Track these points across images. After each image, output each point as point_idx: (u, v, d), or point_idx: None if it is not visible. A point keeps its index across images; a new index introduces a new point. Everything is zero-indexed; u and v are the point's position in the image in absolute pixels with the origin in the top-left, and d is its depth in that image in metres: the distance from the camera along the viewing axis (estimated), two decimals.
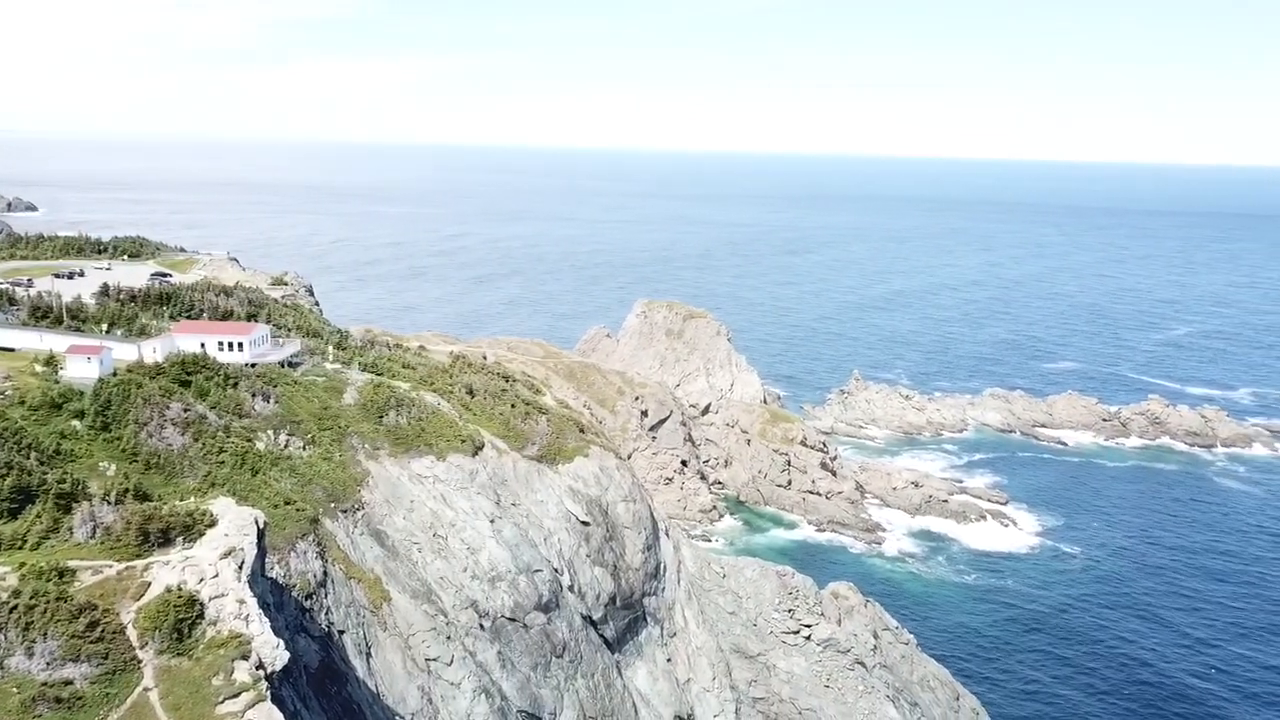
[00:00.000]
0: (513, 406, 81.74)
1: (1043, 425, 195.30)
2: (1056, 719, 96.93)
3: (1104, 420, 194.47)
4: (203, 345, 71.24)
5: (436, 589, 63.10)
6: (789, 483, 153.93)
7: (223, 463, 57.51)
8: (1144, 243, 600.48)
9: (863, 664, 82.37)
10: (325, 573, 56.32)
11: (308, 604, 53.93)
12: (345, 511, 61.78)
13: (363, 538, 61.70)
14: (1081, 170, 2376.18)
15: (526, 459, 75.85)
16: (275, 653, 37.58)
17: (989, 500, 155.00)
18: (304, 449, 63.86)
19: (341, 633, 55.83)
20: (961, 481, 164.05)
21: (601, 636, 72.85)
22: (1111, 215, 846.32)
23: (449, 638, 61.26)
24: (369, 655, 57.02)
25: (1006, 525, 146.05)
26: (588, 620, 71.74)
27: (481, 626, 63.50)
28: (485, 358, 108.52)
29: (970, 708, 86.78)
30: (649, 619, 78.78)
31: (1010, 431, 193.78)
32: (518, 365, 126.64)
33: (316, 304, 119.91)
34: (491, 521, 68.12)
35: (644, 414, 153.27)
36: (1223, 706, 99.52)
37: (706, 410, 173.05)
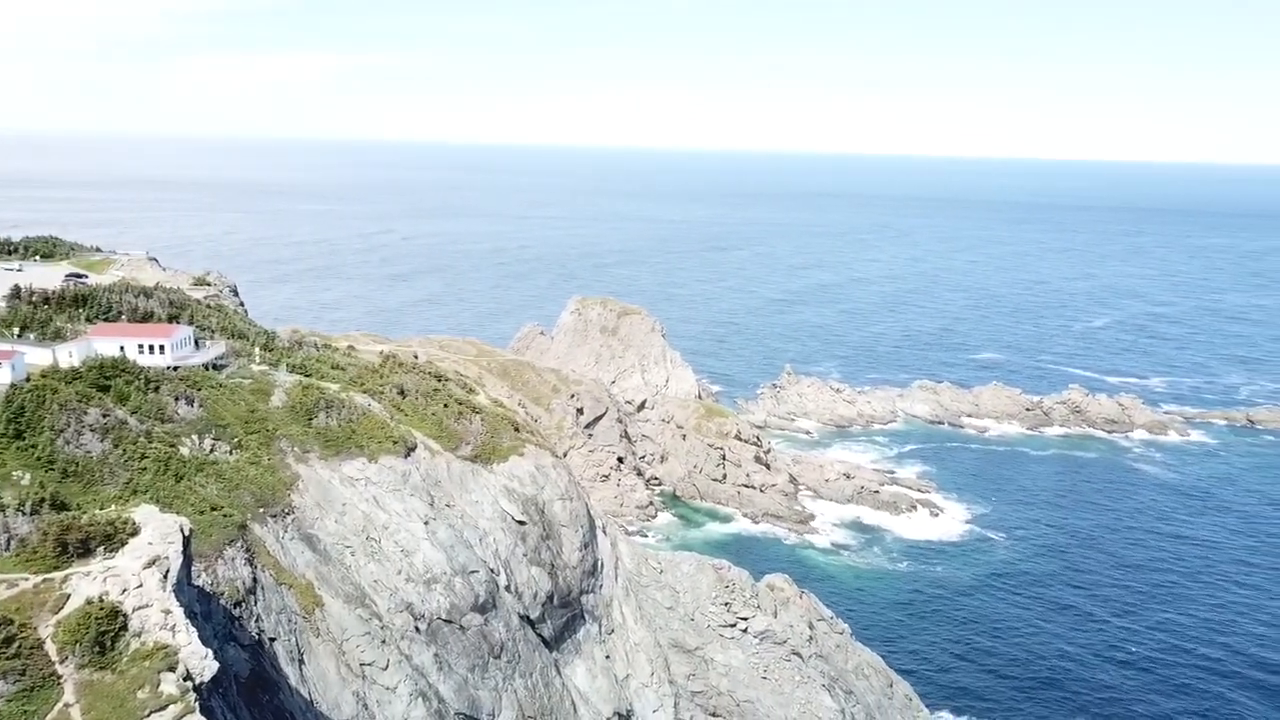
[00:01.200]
0: (445, 406, 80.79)
1: (969, 415, 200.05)
2: (987, 703, 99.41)
3: (1027, 410, 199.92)
4: (122, 348, 68.99)
5: (370, 593, 62.11)
6: (724, 477, 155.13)
7: (145, 469, 55.78)
8: (1061, 236, 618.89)
9: (799, 654, 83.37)
10: (255, 579, 55.02)
11: (237, 612, 52.62)
12: (275, 516, 60.42)
13: (293, 542, 60.44)
14: (1017, 166, 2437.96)
15: (460, 459, 75.08)
16: (203, 663, 36.59)
17: (918, 490, 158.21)
18: (230, 453, 62.28)
19: (273, 640, 54.61)
20: (892, 472, 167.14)
21: (539, 635, 72.52)
22: (1035, 210, 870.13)
23: (384, 642, 60.35)
24: (301, 662, 55.89)
25: (936, 514, 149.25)
26: (525, 620, 71.36)
27: (417, 629, 62.71)
28: (416, 357, 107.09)
29: (903, 694, 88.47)
30: (587, 617, 78.66)
31: (938, 422, 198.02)
32: (450, 364, 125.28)
33: (241, 304, 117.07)
34: (426, 523, 67.29)
35: (579, 411, 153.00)
36: (1145, 684, 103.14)
37: (642, 406, 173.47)
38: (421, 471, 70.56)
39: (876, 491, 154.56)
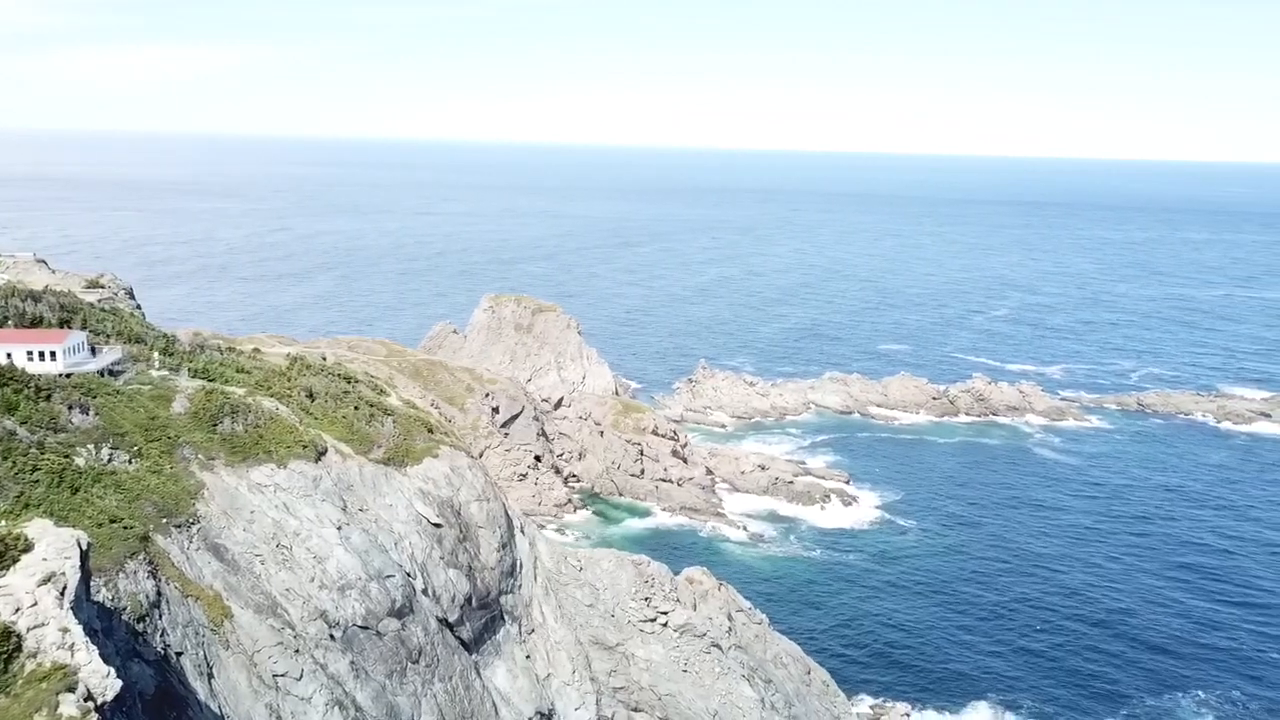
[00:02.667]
0: (356, 409, 79.15)
1: (878, 405, 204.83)
2: (902, 685, 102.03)
3: (934, 399, 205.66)
4: (9, 356, 65.62)
5: (282, 601, 60.48)
6: (642, 472, 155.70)
7: (37, 481, 53.18)
8: (962, 230, 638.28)
9: (718, 646, 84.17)
10: (159, 592, 53.02)
11: (140, 627, 50.62)
12: (179, 526, 58.33)
13: (199, 553, 58.45)
14: (930, 162, 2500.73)
15: (373, 462, 73.66)
16: (105, 682, 35.08)
17: (831, 479, 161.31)
18: (130, 463, 59.86)
19: (179, 654, 52.71)
20: (805, 463, 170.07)
21: (459, 638, 71.67)
22: (938, 205, 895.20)
23: (298, 651, 58.85)
24: (211, 676, 54.10)
25: (849, 503, 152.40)
26: (444, 623, 70.43)
27: (332, 637, 61.32)
28: (325, 359, 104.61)
29: (821, 681, 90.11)
30: (507, 617, 78.06)
31: (849, 413, 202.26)
32: (360, 365, 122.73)
33: (139, 307, 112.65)
34: (338, 528, 65.83)
35: (495, 410, 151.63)
36: (1051, 663, 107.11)
37: (559, 404, 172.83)
38: (333, 476, 69.00)
39: (791, 482, 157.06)
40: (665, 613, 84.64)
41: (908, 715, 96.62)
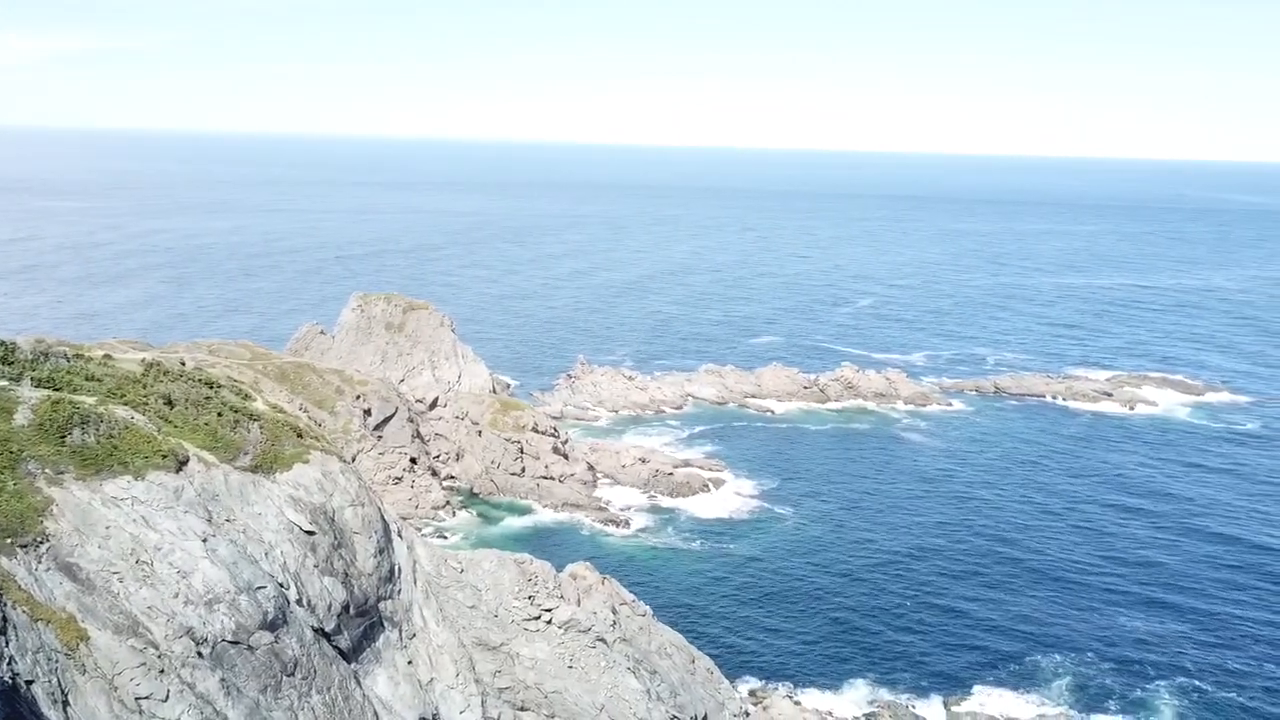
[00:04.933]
0: (219, 415, 75.63)
1: (753, 396, 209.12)
2: (785, 667, 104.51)
3: (805, 388, 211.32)
4: None
5: (144, 620, 57.30)
6: (522, 470, 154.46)
7: None
8: (832, 224, 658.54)
9: (603, 640, 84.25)
10: (4, 618, 49.39)
11: None
12: (25, 546, 54.53)
13: (49, 573, 54.78)
14: (821, 158, 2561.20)
15: (239, 470, 70.54)
16: None
17: (710, 470, 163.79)
18: None
19: (30, 683, 49.27)
20: (685, 454, 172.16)
21: (336, 648, 69.46)
22: (816, 199, 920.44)
23: (162, 671, 55.88)
24: (66, 704, 50.80)
25: (727, 492, 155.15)
26: (320, 633, 68.12)
27: (200, 654, 58.45)
28: (184, 363, 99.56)
29: (705, 668, 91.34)
30: (386, 623, 76.11)
31: (724, 404, 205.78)
32: (222, 369, 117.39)
33: None
34: (204, 540, 62.80)
35: (367, 413, 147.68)
36: (924, 637, 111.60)
37: (434, 404, 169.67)
38: (196, 486, 65.76)
39: (671, 474, 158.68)
40: (549, 610, 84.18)
41: (789, 696, 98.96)
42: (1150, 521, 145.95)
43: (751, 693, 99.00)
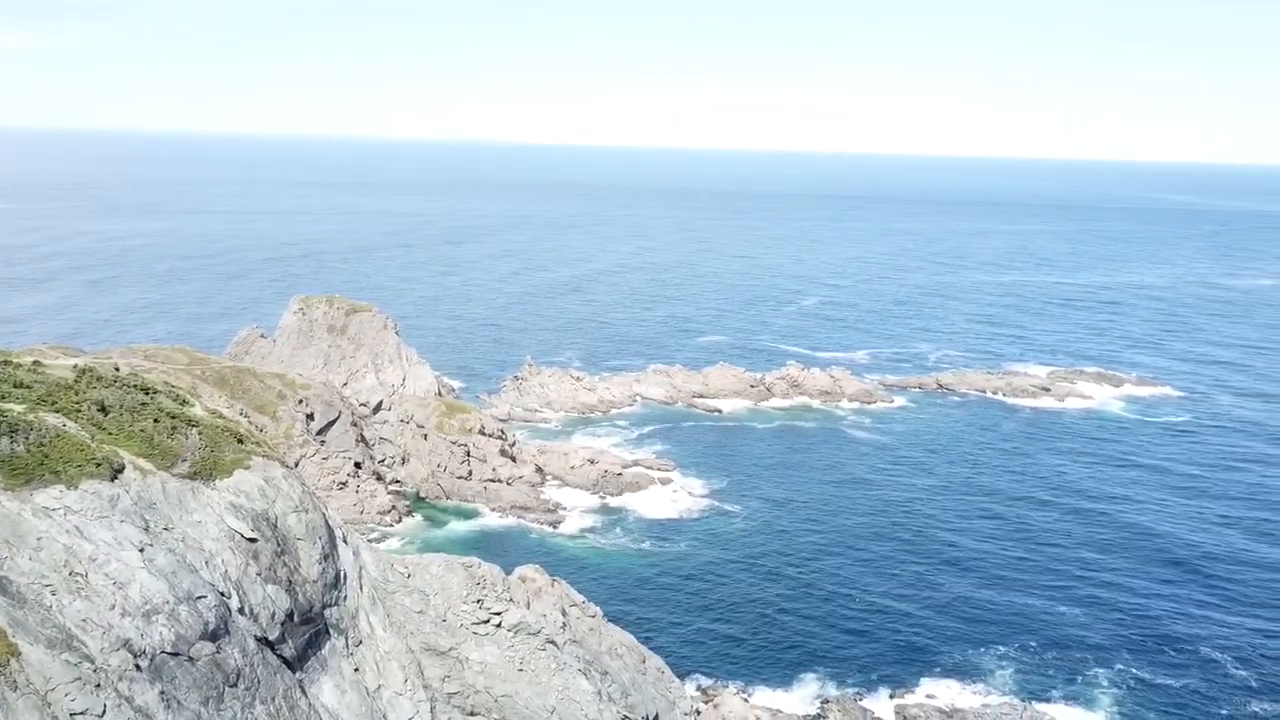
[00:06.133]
0: (156, 421, 73.69)
1: (700, 395, 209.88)
2: (733, 665, 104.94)
3: (751, 386, 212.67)
4: None
5: (79, 633, 55.55)
6: (469, 473, 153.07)
7: None
8: (776, 224, 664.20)
9: (554, 643, 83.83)
10: None
11: None
12: None
13: None
14: (762, 159, 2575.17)
15: (178, 477, 68.81)
16: None
17: (659, 469, 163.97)
18: None
19: None
20: (633, 454, 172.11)
21: (280, 657, 68.07)
22: (757, 199, 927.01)
23: (98, 686, 54.21)
24: None
25: (676, 492, 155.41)
26: (263, 642, 66.70)
27: (138, 667, 56.84)
28: (118, 369, 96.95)
29: (656, 668, 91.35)
30: (332, 631, 74.82)
31: (673, 403, 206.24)
32: (159, 375, 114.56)
33: None
34: (141, 550, 61.10)
35: (310, 417, 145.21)
36: (865, 634, 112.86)
37: (378, 408, 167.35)
38: (132, 494, 63.99)
39: (620, 474, 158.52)
40: (498, 613, 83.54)
41: (740, 693, 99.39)
42: (1087, 515, 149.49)
43: (702, 691, 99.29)
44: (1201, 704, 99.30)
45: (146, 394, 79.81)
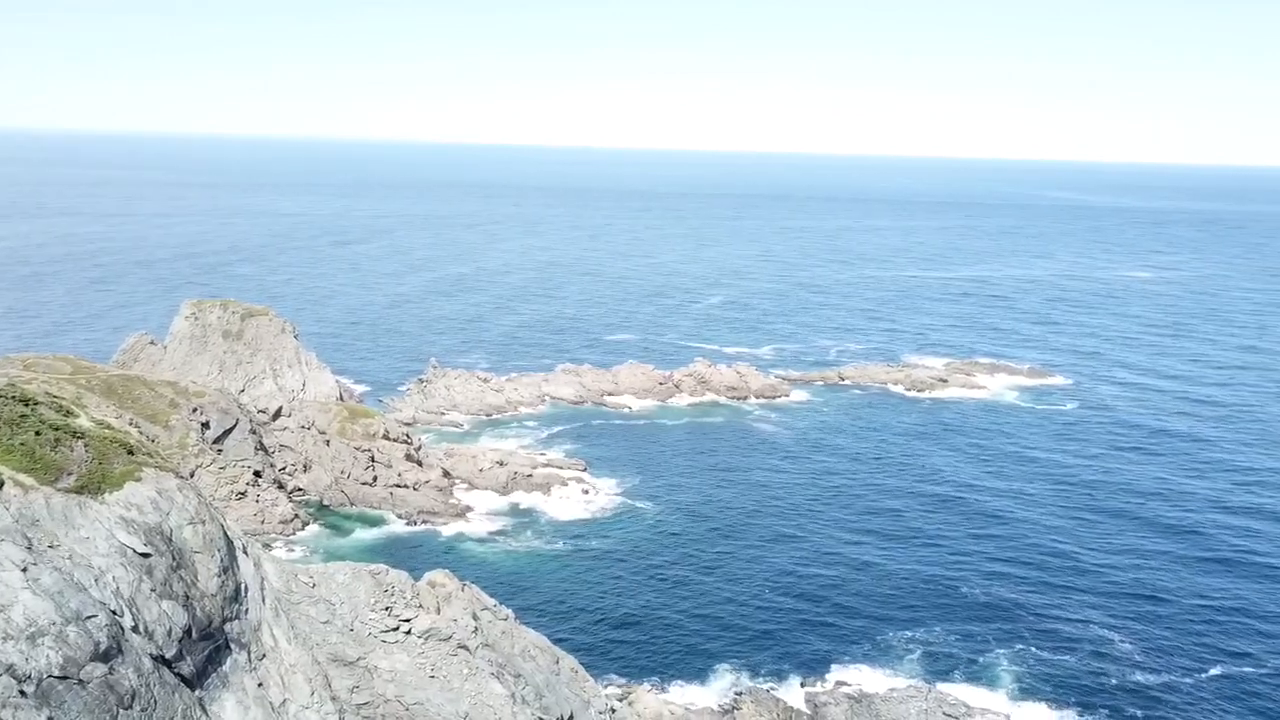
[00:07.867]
0: (38, 434, 69.82)
1: (610, 393, 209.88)
2: (649, 663, 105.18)
3: (660, 384, 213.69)
4: None
5: None
6: (374, 479, 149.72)
7: None
8: (677, 222, 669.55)
9: (465, 647, 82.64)
10: None
11: None
12: None
13: None
14: (655, 157, 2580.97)
15: (63, 492, 65.33)
16: None
17: (569, 469, 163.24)
18: None
19: None
20: (543, 454, 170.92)
21: (178, 675, 65.28)
22: (654, 198, 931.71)
23: None
24: None
25: (587, 491, 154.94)
26: (160, 660, 63.86)
27: (23, 693, 53.75)
28: None
29: (569, 668, 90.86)
30: (233, 645, 72.12)
31: (582, 402, 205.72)
32: (40, 385, 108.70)
33: None
34: (24, 570, 57.82)
35: (205, 426, 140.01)
36: (780, 625, 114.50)
37: (278, 414, 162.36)
38: (13, 511, 60.51)
39: (529, 475, 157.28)
40: (408, 620, 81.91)
41: (654, 690, 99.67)
42: (987, 499, 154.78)
43: (617, 689, 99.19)
44: (1092, 676, 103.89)
45: (26, 405, 75.56)
